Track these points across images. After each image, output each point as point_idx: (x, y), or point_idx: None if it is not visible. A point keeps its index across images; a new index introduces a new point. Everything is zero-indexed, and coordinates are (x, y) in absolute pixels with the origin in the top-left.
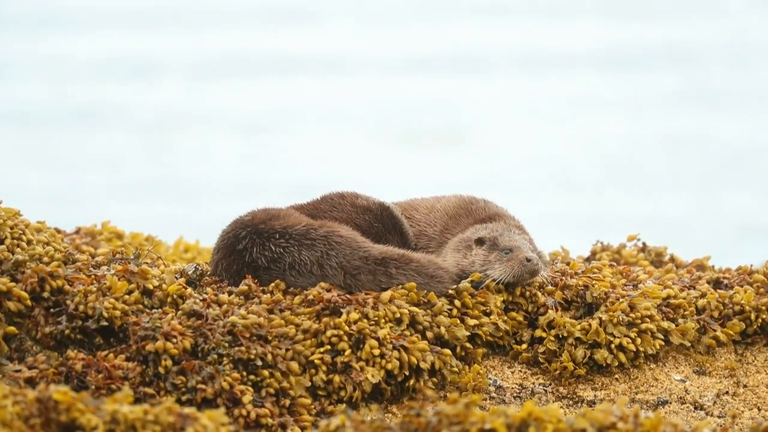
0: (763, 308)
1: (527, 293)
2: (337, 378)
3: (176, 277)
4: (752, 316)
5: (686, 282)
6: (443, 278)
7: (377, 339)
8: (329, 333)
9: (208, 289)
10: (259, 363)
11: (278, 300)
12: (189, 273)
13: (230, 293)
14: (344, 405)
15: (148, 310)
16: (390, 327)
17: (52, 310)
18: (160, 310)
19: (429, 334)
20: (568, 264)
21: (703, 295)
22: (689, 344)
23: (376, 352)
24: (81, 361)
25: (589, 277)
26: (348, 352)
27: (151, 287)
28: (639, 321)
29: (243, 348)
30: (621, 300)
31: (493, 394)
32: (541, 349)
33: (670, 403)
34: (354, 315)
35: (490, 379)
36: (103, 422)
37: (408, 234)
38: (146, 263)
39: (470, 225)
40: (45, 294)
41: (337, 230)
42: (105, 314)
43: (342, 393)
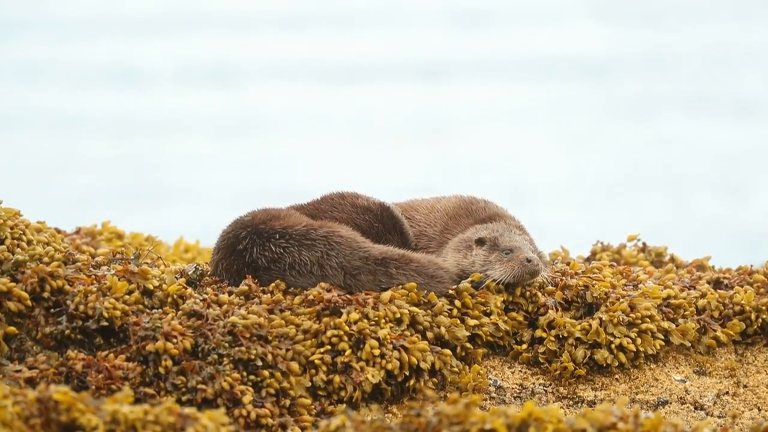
0: (764, 308)
1: (527, 293)
2: (338, 378)
3: (176, 277)
4: (752, 316)
5: (686, 282)
6: (443, 278)
7: (377, 339)
8: (329, 333)
9: (209, 290)
10: (260, 363)
11: (278, 300)
12: (189, 273)
13: (230, 293)
14: (344, 405)
15: (149, 310)
16: (390, 327)
17: (53, 310)
18: (161, 310)
19: (429, 335)
20: (569, 264)
21: (704, 295)
22: (689, 344)
23: (377, 353)
24: (81, 361)
25: (590, 277)
26: (348, 353)
27: (152, 287)
28: (639, 321)
29: (243, 348)
30: (621, 300)
31: (494, 395)
32: (542, 350)
33: (671, 404)
34: (354, 315)
35: (491, 380)
36: (104, 422)
37: (408, 234)
38: (146, 263)
39: (470, 225)
40: (45, 294)
41: (338, 230)
42: (105, 314)
43: (342, 393)
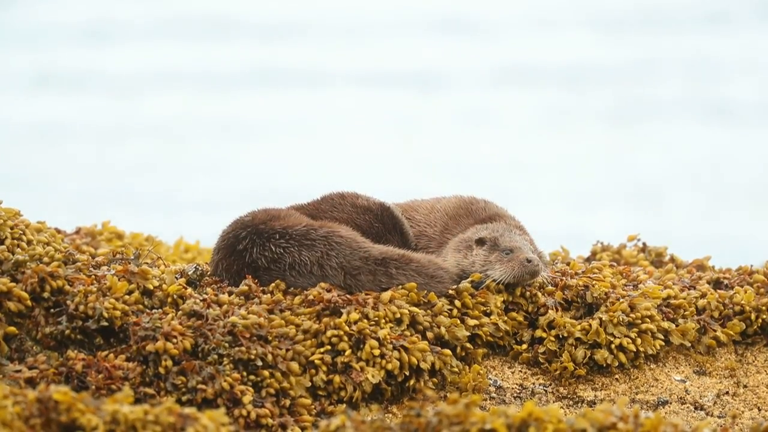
0: (764, 308)
1: (527, 293)
2: (338, 378)
3: (176, 278)
4: (752, 317)
5: (686, 282)
6: (443, 278)
7: (377, 339)
8: (329, 333)
9: (209, 290)
10: (260, 363)
11: (278, 300)
12: (189, 273)
13: (230, 293)
14: (344, 405)
15: (149, 311)
16: (390, 327)
17: (53, 311)
18: (161, 311)
19: (429, 335)
20: (569, 264)
21: (704, 296)
22: (689, 344)
23: (377, 353)
24: (81, 362)
25: (590, 278)
26: (348, 353)
27: (152, 287)
28: (639, 321)
29: (243, 348)
30: (621, 300)
31: (494, 395)
32: (542, 350)
33: (671, 404)
34: (354, 315)
35: (491, 380)
36: (104, 422)
37: (408, 234)
38: (146, 263)
39: (471, 225)
40: (45, 294)
41: (337, 230)
42: (105, 314)
43: (342, 393)
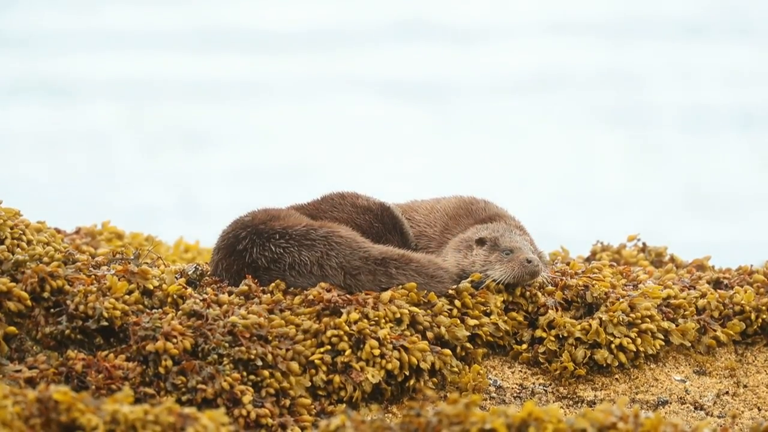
0: (763, 308)
1: (527, 293)
2: (337, 378)
3: (176, 277)
4: (752, 316)
5: (686, 282)
6: (443, 278)
7: (377, 339)
8: (329, 333)
9: (208, 289)
10: (260, 363)
11: (278, 300)
12: (189, 273)
13: (230, 293)
14: (344, 405)
15: (148, 310)
16: (390, 327)
17: (52, 310)
18: (160, 310)
19: (429, 334)
20: (568, 264)
21: (703, 295)
22: (689, 344)
23: (377, 352)
24: (81, 361)
25: (589, 277)
26: (348, 352)
27: (151, 287)
28: (639, 321)
29: (243, 348)
30: (621, 300)
31: (493, 394)
32: (542, 349)
33: (671, 403)
34: (354, 315)
35: (491, 379)
36: (103, 422)
37: (408, 234)
38: (146, 263)
39: (471, 225)
40: (45, 294)
41: (337, 230)
42: (105, 314)
43: (342, 393)
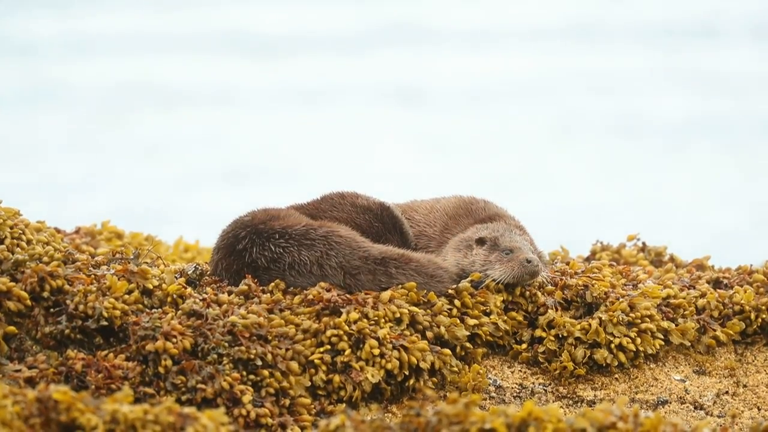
0: (763, 308)
1: (527, 293)
2: (337, 378)
3: (176, 277)
4: (752, 316)
5: (686, 282)
6: (443, 278)
7: (377, 339)
8: (329, 333)
9: (208, 289)
10: (259, 363)
11: (278, 300)
12: (189, 273)
13: (230, 293)
14: (344, 405)
15: (148, 310)
16: (390, 327)
17: (52, 310)
18: (160, 310)
19: (429, 334)
20: (568, 264)
21: (703, 295)
22: (689, 344)
23: (376, 352)
24: (81, 361)
25: (589, 277)
26: (348, 352)
27: (151, 287)
28: (639, 321)
29: (243, 348)
30: (621, 300)
31: (493, 394)
32: (541, 349)
33: (670, 403)
34: (354, 315)
35: (490, 379)
36: (103, 422)
37: (408, 234)
38: (146, 263)
39: (470, 225)
40: (45, 294)
41: (337, 230)
42: (105, 314)
43: (342, 393)
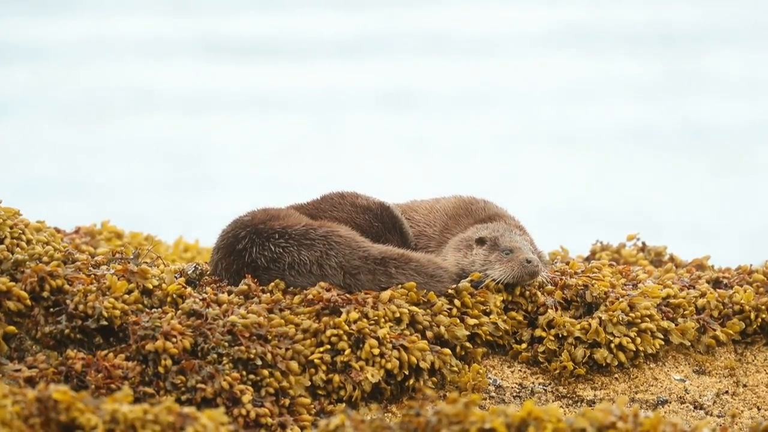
0: (763, 308)
1: (527, 293)
2: (337, 377)
3: (176, 277)
4: (752, 316)
5: (686, 281)
6: (443, 277)
7: (377, 338)
8: (329, 332)
9: (208, 289)
10: (259, 362)
11: (278, 299)
12: (189, 273)
13: (230, 293)
14: (344, 404)
15: (148, 310)
16: (390, 326)
17: (52, 310)
18: (160, 310)
19: (429, 334)
20: (568, 263)
21: (703, 295)
22: (689, 344)
23: (376, 352)
24: (81, 361)
25: (589, 277)
26: (348, 352)
27: (151, 287)
28: (639, 320)
29: (243, 347)
30: (621, 299)
31: (493, 394)
32: (541, 349)
33: (670, 403)
34: (354, 314)
35: (490, 379)
36: (103, 422)
37: (408, 234)
38: (146, 263)
39: (470, 225)
40: (45, 293)
41: (337, 230)
42: (105, 314)
43: (342, 392)
